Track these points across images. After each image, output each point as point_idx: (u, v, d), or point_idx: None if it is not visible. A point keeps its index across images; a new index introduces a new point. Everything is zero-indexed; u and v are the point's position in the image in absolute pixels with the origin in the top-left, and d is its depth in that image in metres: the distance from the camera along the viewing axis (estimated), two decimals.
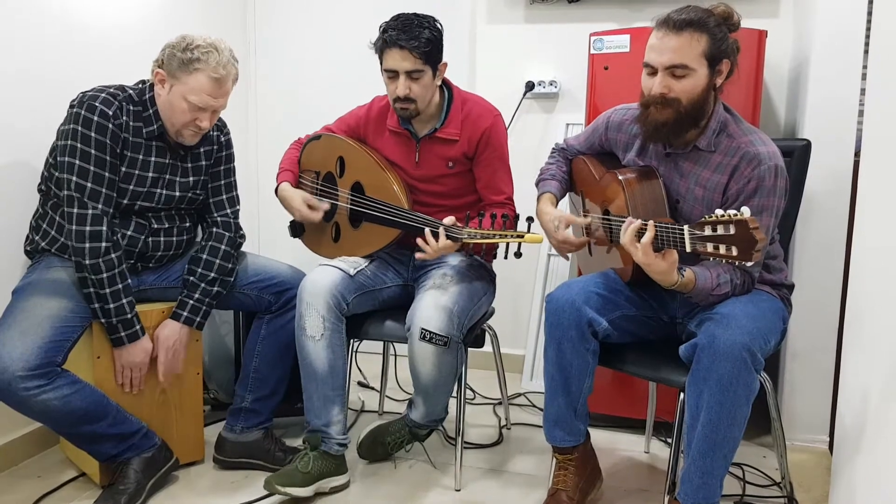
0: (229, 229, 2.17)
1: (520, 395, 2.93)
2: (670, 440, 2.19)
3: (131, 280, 1.99)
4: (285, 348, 2.18)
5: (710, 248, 1.50)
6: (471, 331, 2.11)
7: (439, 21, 2.09)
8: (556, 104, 3.05)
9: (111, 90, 1.96)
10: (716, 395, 1.61)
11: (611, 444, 2.46)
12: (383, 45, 2.05)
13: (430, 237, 1.96)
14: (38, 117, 2.20)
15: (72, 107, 1.92)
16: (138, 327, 1.99)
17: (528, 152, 3.03)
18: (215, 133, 2.17)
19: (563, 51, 2.99)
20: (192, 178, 2.12)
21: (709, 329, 1.65)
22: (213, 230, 2.15)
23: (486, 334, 2.32)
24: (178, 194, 2.09)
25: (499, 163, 2.20)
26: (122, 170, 1.98)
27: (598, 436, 2.35)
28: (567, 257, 2.16)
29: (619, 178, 1.85)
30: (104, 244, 1.91)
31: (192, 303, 2.08)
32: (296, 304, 2.07)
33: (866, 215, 1.69)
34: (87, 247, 1.89)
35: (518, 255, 1.91)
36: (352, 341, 2.23)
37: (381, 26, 2.07)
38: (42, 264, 2.01)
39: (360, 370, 3.02)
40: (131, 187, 2.00)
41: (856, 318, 1.72)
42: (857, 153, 2.22)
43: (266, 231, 3.45)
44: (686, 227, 1.56)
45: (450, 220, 1.95)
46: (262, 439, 2.21)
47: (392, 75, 2.06)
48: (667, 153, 1.87)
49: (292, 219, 2.30)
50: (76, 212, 1.90)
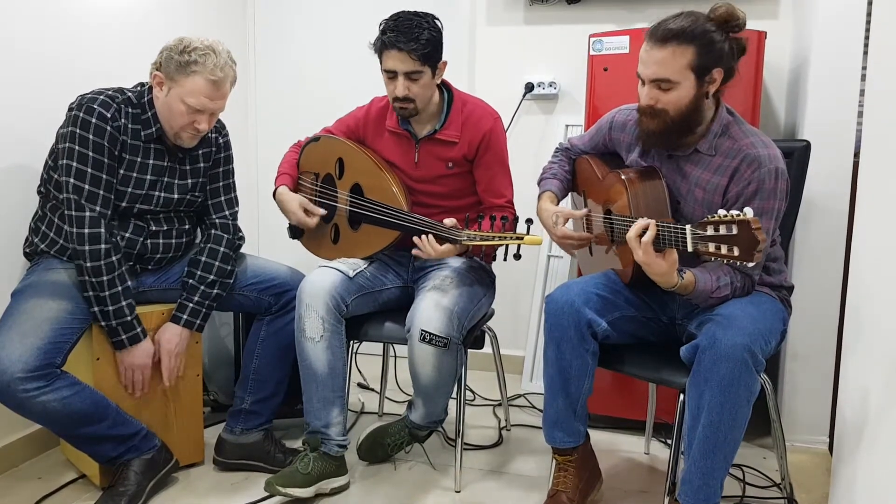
0: (228, 231, 2.17)
1: (519, 396, 2.93)
2: (670, 441, 2.19)
3: (130, 282, 2.00)
4: (285, 350, 2.18)
5: (711, 247, 1.51)
6: (470, 332, 2.11)
7: (439, 19, 2.09)
8: (555, 105, 3.05)
9: (110, 93, 1.96)
10: (717, 397, 1.61)
11: (611, 445, 2.46)
12: (382, 47, 2.05)
13: (429, 239, 1.96)
14: (37, 119, 2.20)
15: (70, 109, 1.92)
16: (139, 329, 1.99)
17: (528, 153, 3.03)
18: (214, 135, 2.17)
19: (562, 52, 2.99)
20: (190, 181, 2.12)
21: (710, 330, 1.65)
22: (212, 232, 2.15)
23: (486, 335, 2.32)
24: (176, 196, 2.09)
25: (498, 166, 2.20)
26: (121, 172, 1.98)
27: (597, 437, 2.35)
28: (573, 254, 2.15)
29: (622, 177, 1.85)
30: (104, 246, 1.91)
31: (191, 306, 2.08)
32: (295, 306, 2.07)
33: (866, 216, 1.69)
34: (87, 249, 1.89)
35: (517, 256, 1.91)
36: (351, 343, 2.23)
37: (380, 25, 2.07)
38: (41, 266, 2.01)
39: (359, 371, 3.02)
40: (129, 190, 2.00)
41: (855, 319, 1.72)
42: (857, 154, 2.22)
43: (265, 232, 3.44)
44: (688, 227, 1.56)
45: (450, 222, 1.95)
46: (261, 441, 2.21)
47: (391, 75, 2.06)
48: (669, 154, 1.87)
49: None
50: (74, 214, 1.90)
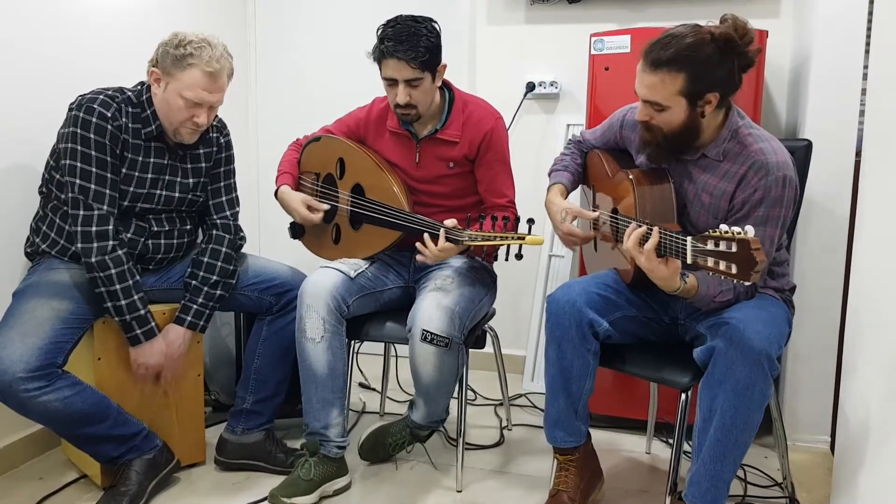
0: (229, 231, 2.17)
1: (521, 395, 2.92)
2: (671, 441, 2.19)
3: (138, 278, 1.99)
4: (286, 349, 2.18)
5: (710, 262, 1.49)
6: (472, 332, 2.11)
7: (437, 22, 2.08)
8: (556, 105, 3.05)
9: (109, 92, 1.96)
10: (731, 400, 1.61)
11: (612, 444, 2.46)
12: (381, 55, 2.04)
13: (428, 241, 1.96)
14: (38, 119, 2.20)
15: (70, 109, 1.92)
16: (153, 324, 1.98)
17: (529, 153, 3.02)
18: (215, 135, 2.17)
19: (563, 51, 2.99)
20: (191, 180, 2.12)
21: (727, 334, 1.64)
22: (214, 233, 2.15)
23: (487, 335, 2.32)
24: (177, 195, 2.09)
25: (500, 166, 2.20)
26: (123, 171, 1.97)
27: (599, 437, 2.35)
28: (574, 249, 2.14)
29: (630, 177, 1.84)
30: (111, 242, 1.91)
31: (195, 307, 2.08)
32: (296, 306, 2.07)
33: (867, 216, 1.69)
34: (95, 246, 1.89)
35: (519, 256, 1.91)
36: (353, 343, 2.23)
37: (378, 31, 2.05)
38: (42, 266, 2.00)
39: (361, 371, 3.02)
40: (131, 189, 2.00)
41: (857, 318, 1.72)
42: (858, 153, 2.22)
43: (266, 233, 3.44)
44: (689, 239, 1.54)
45: (451, 222, 1.95)
46: (263, 440, 2.21)
47: (391, 83, 2.06)
48: (677, 158, 1.86)
49: (292, 220, 2.30)
50: (82, 213, 1.90)
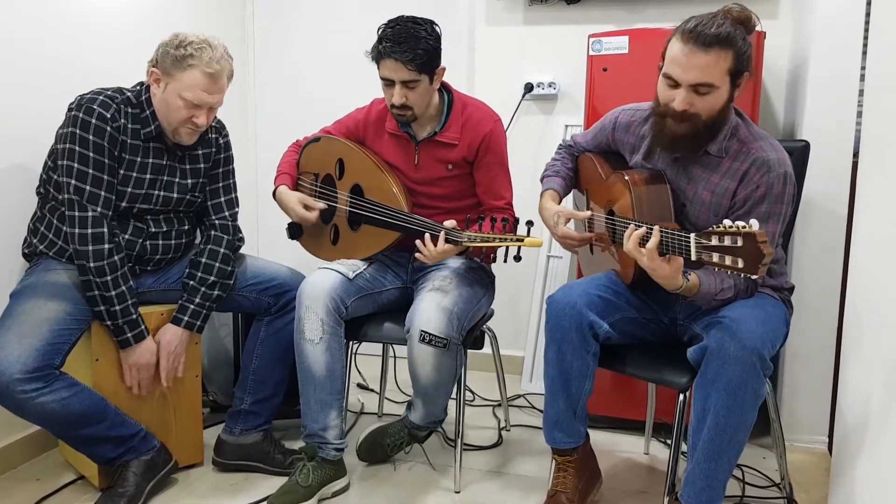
0: (228, 232, 2.16)
1: (519, 396, 2.93)
2: (670, 441, 2.19)
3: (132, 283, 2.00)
4: (284, 350, 2.18)
5: (715, 258, 1.48)
6: (470, 332, 2.11)
7: (438, 25, 2.08)
8: (554, 106, 3.05)
9: (109, 92, 1.96)
10: (724, 400, 1.61)
11: (610, 445, 2.46)
12: (378, 56, 2.04)
13: (428, 241, 1.96)
14: (37, 120, 2.20)
15: (70, 110, 1.92)
16: (143, 327, 1.99)
17: (527, 154, 3.03)
18: (214, 136, 2.17)
19: (561, 52, 2.99)
20: (190, 181, 2.11)
21: (719, 333, 1.64)
22: (212, 233, 2.15)
23: (486, 336, 2.32)
24: (175, 196, 2.09)
25: (498, 168, 2.20)
26: (121, 172, 1.97)
27: (597, 437, 2.35)
28: (576, 251, 2.13)
29: (626, 179, 1.83)
30: (107, 246, 1.91)
31: (192, 307, 2.07)
32: (295, 307, 2.07)
33: (865, 216, 1.69)
34: (91, 249, 1.89)
35: (517, 258, 1.91)
36: (351, 343, 2.23)
37: (378, 31, 2.05)
38: (40, 267, 2.00)
39: (359, 372, 3.02)
40: (129, 189, 1.99)
41: (855, 318, 1.72)
42: (856, 154, 2.22)
43: (265, 233, 3.44)
44: (693, 236, 1.53)
45: (450, 223, 1.95)
46: (261, 441, 2.21)
47: (388, 83, 2.06)
48: (675, 157, 1.85)
49: (290, 221, 2.30)
50: (77, 215, 1.90)
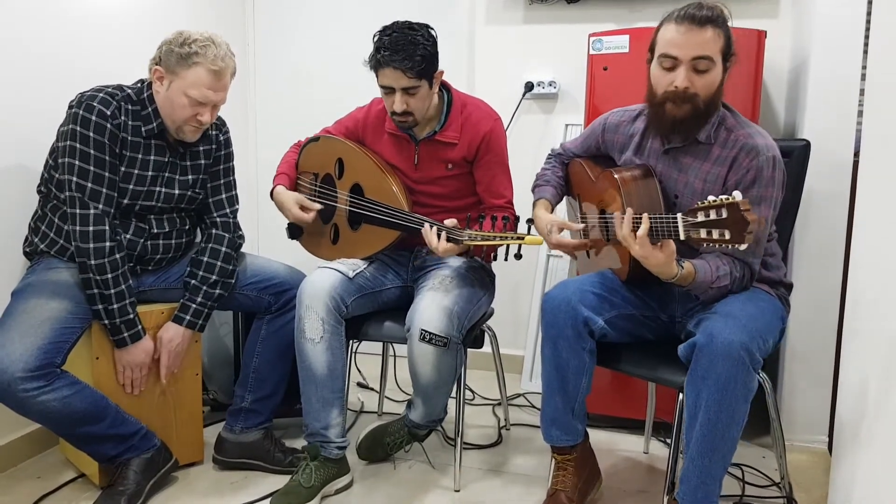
0: (228, 230, 2.17)
1: (519, 395, 2.93)
2: (669, 441, 2.19)
3: (131, 282, 2.00)
4: (285, 349, 2.18)
5: (703, 233, 1.50)
6: (470, 331, 2.11)
7: (434, 29, 2.07)
8: (555, 105, 3.05)
9: (109, 90, 1.96)
10: (714, 395, 1.61)
11: (610, 444, 2.46)
12: (377, 65, 2.03)
13: (432, 232, 1.96)
14: (38, 118, 2.20)
15: (70, 107, 1.92)
16: (140, 327, 1.99)
17: (528, 153, 3.03)
18: (214, 132, 2.17)
19: (562, 51, 2.99)
20: (191, 177, 2.12)
21: (707, 328, 1.64)
22: (213, 231, 2.15)
23: (486, 335, 2.32)
24: (177, 192, 2.09)
25: (498, 167, 2.20)
26: (122, 169, 1.98)
27: (597, 436, 2.35)
28: (576, 256, 2.14)
29: (615, 176, 1.85)
30: (108, 244, 1.91)
31: (194, 306, 2.08)
32: (295, 306, 2.07)
33: (865, 215, 1.69)
34: (92, 247, 1.89)
35: (518, 256, 1.91)
36: (351, 342, 2.23)
37: (374, 38, 2.04)
38: (41, 265, 2.00)
39: (359, 371, 3.02)
40: (131, 186, 2.00)
41: (855, 318, 1.72)
42: (857, 153, 2.22)
43: (265, 232, 3.44)
44: (679, 216, 1.56)
45: (451, 222, 1.95)
46: (261, 439, 2.21)
47: (388, 91, 2.06)
48: (665, 150, 1.87)
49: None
50: (78, 212, 1.90)
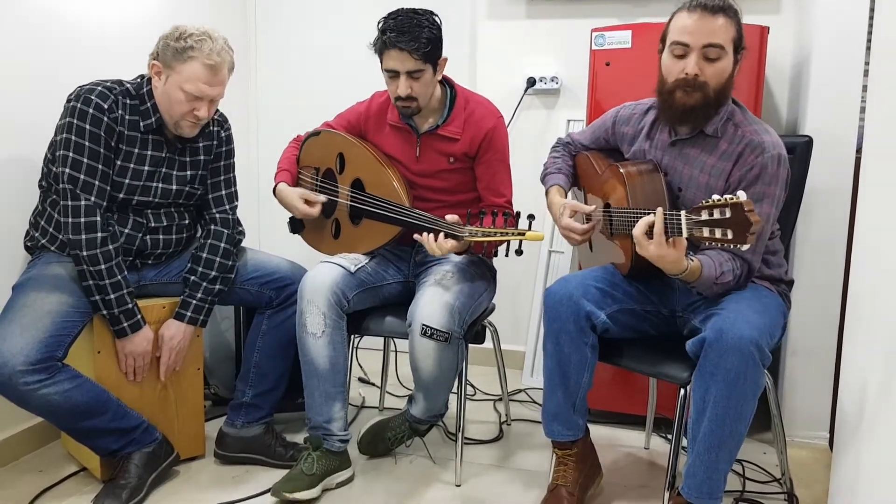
0: (228, 226, 2.17)
1: (520, 391, 2.93)
2: (670, 436, 2.19)
3: (131, 276, 2.00)
4: (286, 343, 2.18)
5: (706, 232, 1.50)
6: (471, 327, 2.11)
7: (438, 16, 2.08)
8: (557, 100, 3.05)
9: (108, 84, 1.96)
10: (723, 391, 1.61)
11: (611, 440, 2.46)
12: (382, 47, 2.04)
13: (429, 240, 1.95)
14: (38, 113, 2.20)
15: (68, 101, 1.92)
16: (139, 317, 1.99)
17: (529, 148, 3.02)
18: (216, 129, 2.17)
19: (564, 47, 2.98)
20: (189, 172, 2.11)
21: (716, 324, 1.64)
22: (212, 227, 2.15)
23: (487, 330, 2.32)
24: (174, 188, 2.09)
25: (500, 165, 2.20)
26: (118, 163, 1.97)
27: (598, 432, 2.36)
28: (575, 244, 2.10)
29: (620, 171, 1.85)
30: (100, 235, 1.91)
31: (194, 302, 2.08)
32: (296, 300, 2.07)
33: (867, 212, 1.69)
34: (84, 238, 1.89)
35: (519, 252, 1.91)
36: (352, 337, 2.23)
37: (378, 24, 2.05)
38: (42, 260, 2.01)
39: (360, 366, 3.02)
40: (127, 181, 1.99)
41: (856, 314, 1.72)
42: (859, 150, 2.22)
43: (266, 227, 3.44)
44: (683, 213, 1.56)
45: (452, 217, 1.95)
46: (262, 434, 2.22)
47: (393, 75, 2.06)
48: (672, 142, 1.88)
49: (291, 215, 2.30)
50: (70, 204, 1.90)
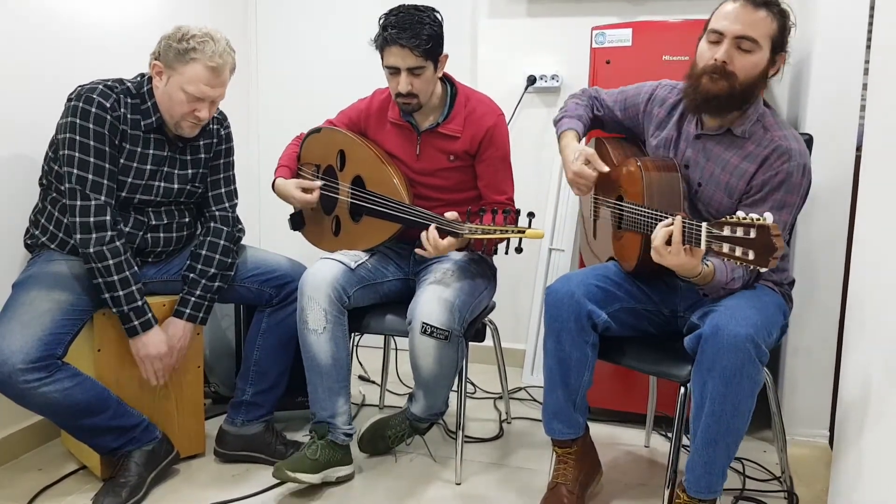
0: (227, 224, 2.17)
1: (520, 389, 2.93)
2: (671, 434, 2.19)
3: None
4: (286, 341, 2.18)
5: (725, 248, 1.48)
6: (471, 325, 2.11)
7: (439, 12, 2.08)
8: (557, 98, 3.04)
9: (109, 83, 1.96)
10: (719, 387, 1.61)
11: (611, 438, 2.47)
12: (383, 43, 2.04)
13: (432, 232, 1.95)
14: (38, 112, 2.19)
15: (69, 100, 1.92)
16: (150, 315, 1.98)
17: (530, 147, 3.02)
18: (215, 126, 2.17)
19: (564, 45, 2.98)
20: (190, 171, 2.11)
21: (713, 320, 1.64)
22: (212, 225, 2.15)
23: (487, 328, 2.32)
24: (176, 187, 2.09)
25: (500, 163, 2.20)
26: (121, 162, 1.97)
27: (598, 430, 2.36)
28: (583, 191, 1.97)
29: (639, 164, 1.82)
30: (109, 233, 1.91)
31: (194, 300, 2.08)
32: (297, 298, 2.07)
33: (867, 210, 1.69)
34: (94, 237, 1.89)
35: (519, 250, 1.91)
36: (353, 335, 2.23)
37: (380, 20, 2.06)
38: (42, 258, 2.00)
39: (360, 364, 3.02)
40: (129, 180, 1.99)
41: (856, 313, 1.72)
42: (859, 148, 2.22)
43: (267, 225, 3.44)
44: (704, 225, 1.53)
45: (451, 215, 1.95)
46: (263, 432, 2.22)
47: (393, 72, 2.06)
48: (697, 135, 1.86)
49: (292, 212, 2.30)
50: (79, 204, 1.89)
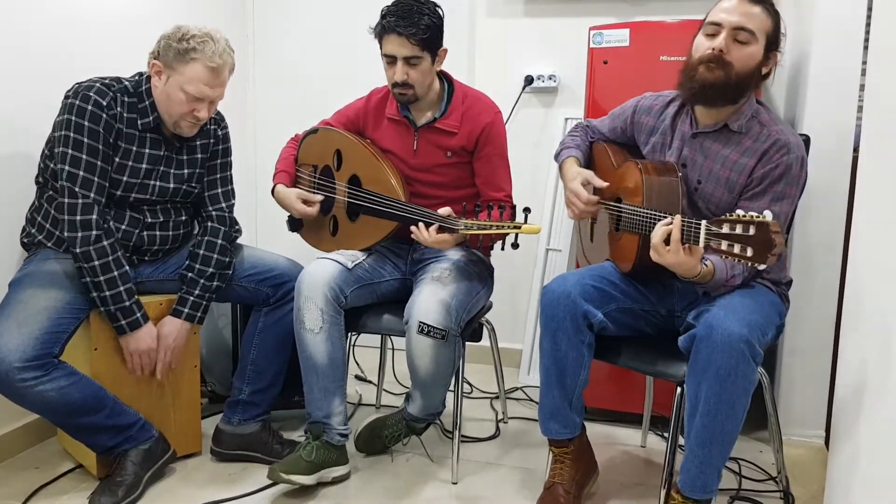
0: (224, 223, 2.16)
1: (517, 389, 2.93)
2: (667, 434, 2.19)
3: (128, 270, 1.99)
4: (283, 340, 2.18)
5: (724, 245, 1.49)
6: (468, 324, 2.11)
7: (440, 7, 2.09)
8: (555, 98, 3.05)
9: (106, 81, 1.95)
10: (713, 387, 1.61)
11: (608, 438, 2.47)
12: (382, 31, 2.05)
13: (422, 227, 1.96)
14: (36, 110, 2.19)
15: (66, 98, 1.92)
16: (139, 315, 1.98)
17: (527, 147, 3.02)
18: (213, 127, 2.16)
19: (562, 45, 2.98)
20: (187, 171, 2.11)
21: (707, 320, 1.65)
22: (209, 224, 2.15)
23: (484, 328, 2.32)
24: (172, 186, 2.09)
25: (498, 160, 2.20)
26: (116, 161, 1.97)
27: (594, 430, 2.36)
28: (578, 211, 1.99)
29: (639, 166, 1.83)
30: (94, 232, 1.90)
31: (192, 299, 2.08)
32: (294, 297, 2.07)
33: (864, 211, 1.69)
34: (79, 236, 1.89)
35: (515, 245, 1.90)
36: (349, 335, 2.23)
37: (381, 11, 2.07)
38: (39, 256, 2.00)
39: (357, 364, 3.02)
40: (125, 178, 1.99)
41: (853, 313, 1.72)
42: (856, 149, 2.22)
43: (265, 225, 3.44)
44: (703, 223, 1.54)
45: (446, 210, 1.95)
46: (259, 431, 2.21)
47: (390, 60, 2.07)
48: (693, 134, 1.88)
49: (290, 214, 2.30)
50: (67, 201, 1.89)
